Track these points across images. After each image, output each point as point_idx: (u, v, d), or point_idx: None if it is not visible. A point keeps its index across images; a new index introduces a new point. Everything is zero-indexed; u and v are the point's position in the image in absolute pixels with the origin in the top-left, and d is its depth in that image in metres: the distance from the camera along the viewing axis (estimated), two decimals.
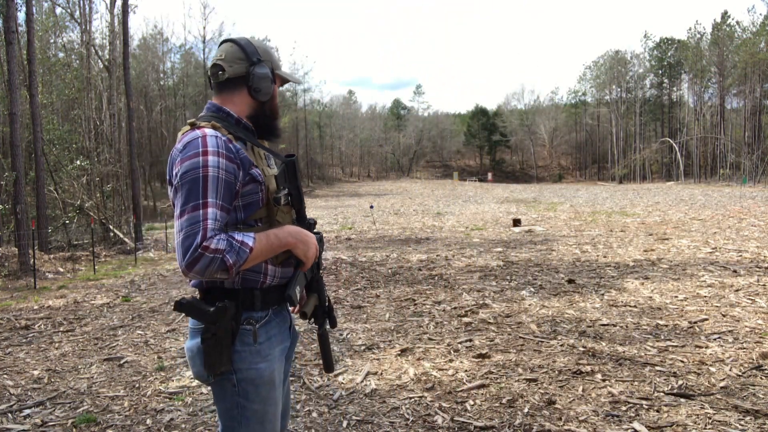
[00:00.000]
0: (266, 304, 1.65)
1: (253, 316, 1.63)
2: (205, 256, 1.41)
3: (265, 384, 1.64)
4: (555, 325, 5.18)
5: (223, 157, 1.52)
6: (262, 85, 1.69)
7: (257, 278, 1.63)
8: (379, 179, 68.93)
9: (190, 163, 1.49)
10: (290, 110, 58.00)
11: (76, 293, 8.33)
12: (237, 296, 1.60)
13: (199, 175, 1.49)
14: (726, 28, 52.10)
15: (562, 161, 75.69)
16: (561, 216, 18.08)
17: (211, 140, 1.53)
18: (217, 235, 1.45)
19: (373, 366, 4.30)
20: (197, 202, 1.47)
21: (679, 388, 3.58)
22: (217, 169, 1.50)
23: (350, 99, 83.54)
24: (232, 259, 1.45)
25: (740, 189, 29.11)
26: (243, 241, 1.48)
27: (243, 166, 1.57)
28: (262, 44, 1.75)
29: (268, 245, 1.55)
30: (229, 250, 1.44)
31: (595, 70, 66.92)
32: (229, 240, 1.46)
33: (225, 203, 1.52)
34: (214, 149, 1.52)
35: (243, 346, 1.60)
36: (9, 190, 12.77)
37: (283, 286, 1.68)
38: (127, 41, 16.94)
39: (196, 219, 1.45)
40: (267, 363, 1.64)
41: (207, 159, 1.50)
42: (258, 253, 1.51)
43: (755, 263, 7.96)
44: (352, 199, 36.29)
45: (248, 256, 1.48)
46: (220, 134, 1.57)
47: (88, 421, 3.49)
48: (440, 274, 8.15)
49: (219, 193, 1.50)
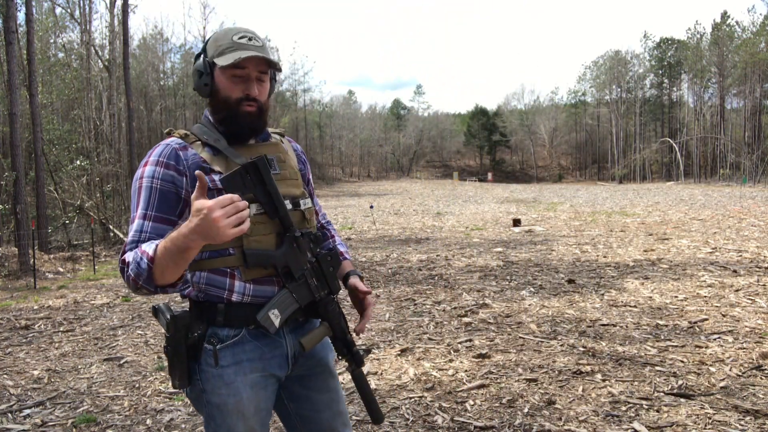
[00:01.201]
0: (232, 322, 1.46)
1: (217, 334, 1.46)
2: (123, 269, 1.36)
3: (231, 414, 1.45)
4: (555, 325, 5.18)
5: (161, 165, 1.43)
6: (195, 80, 1.54)
7: (220, 294, 1.45)
8: (379, 179, 68.92)
9: (136, 174, 1.47)
10: (290, 110, 58.00)
11: (76, 293, 8.33)
12: (199, 308, 1.48)
13: (135, 186, 1.45)
14: (726, 28, 52.12)
15: (562, 161, 75.69)
16: (561, 216, 18.08)
17: (159, 149, 1.47)
18: (133, 246, 1.37)
19: (373, 366, 4.30)
20: (133, 215, 1.44)
21: (679, 388, 3.58)
22: (151, 179, 1.43)
23: (350, 99, 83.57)
24: (133, 271, 1.33)
25: (740, 189, 29.10)
26: (144, 250, 1.32)
27: (190, 173, 1.43)
28: (220, 32, 1.53)
29: (172, 245, 1.27)
30: (131, 262, 1.34)
31: (595, 71, 66.94)
32: (136, 251, 1.35)
33: (161, 213, 1.42)
34: (155, 158, 1.45)
35: (206, 367, 1.46)
36: (9, 190, 12.76)
37: (258, 306, 1.45)
38: (127, 41, 16.94)
39: (129, 232, 1.42)
40: (230, 392, 1.45)
41: (144, 170, 1.45)
42: (162, 259, 1.29)
43: (755, 263, 7.96)
44: (352, 199, 36.29)
45: (148, 265, 1.30)
46: (175, 142, 1.48)
47: (88, 421, 3.49)
48: (440, 274, 8.15)
49: (151, 204, 1.41)
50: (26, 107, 14.14)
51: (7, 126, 13.59)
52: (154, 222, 1.41)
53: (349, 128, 72.24)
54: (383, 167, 77.54)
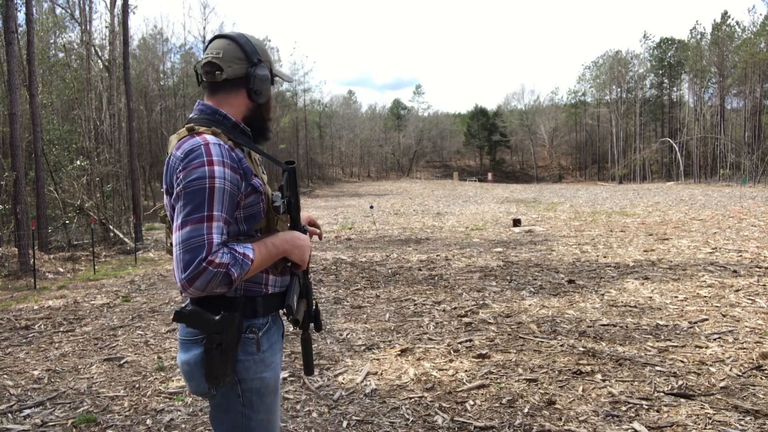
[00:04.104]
0: (267, 311, 1.63)
1: (256, 324, 1.59)
2: (209, 271, 1.35)
3: (270, 393, 1.62)
4: (555, 325, 5.18)
5: (227, 167, 1.46)
6: (264, 87, 1.63)
7: (260, 289, 1.60)
8: (379, 179, 68.91)
9: (196, 173, 1.42)
10: (290, 110, 57.98)
11: (76, 293, 8.33)
12: (239, 305, 1.57)
13: (205, 186, 1.42)
14: (726, 28, 52.11)
15: (562, 161, 75.67)
16: (561, 216, 18.07)
17: (215, 149, 1.47)
18: (222, 248, 1.40)
19: (373, 366, 4.30)
20: (202, 215, 1.40)
21: (679, 388, 3.57)
22: (223, 180, 1.44)
23: (350, 99, 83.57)
24: (237, 272, 1.41)
25: (740, 189, 29.10)
26: (245, 254, 1.44)
27: (245, 176, 1.53)
28: (260, 42, 1.68)
29: (267, 254, 1.52)
30: (233, 264, 1.40)
31: (595, 71, 66.91)
32: (232, 253, 1.41)
33: (228, 216, 1.47)
34: (219, 159, 1.46)
35: (246, 356, 1.56)
36: (9, 190, 12.77)
37: (282, 294, 1.66)
38: (127, 41, 16.93)
39: (200, 232, 1.38)
40: (271, 371, 1.62)
41: (213, 169, 1.44)
42: (258, 263, 1.48)
43: (755, 263, 7.96)
44: (352, 199, 36.28)
45: (250, 267, 1.45)
46: (222, 142, 1.51)
47: (88, 421, 3.49)
48: (440, 275, 8.15)
49: (224, 206, 1.44)
50: (26, 107, 14.15)
51: (7, 126, 13.59)
52: (225, 224, 1.45)
53: (349, 128, 72.23)
54: (383, 167, 77.53)
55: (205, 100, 1.65)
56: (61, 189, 16.64)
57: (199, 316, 1.49)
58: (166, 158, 1.56)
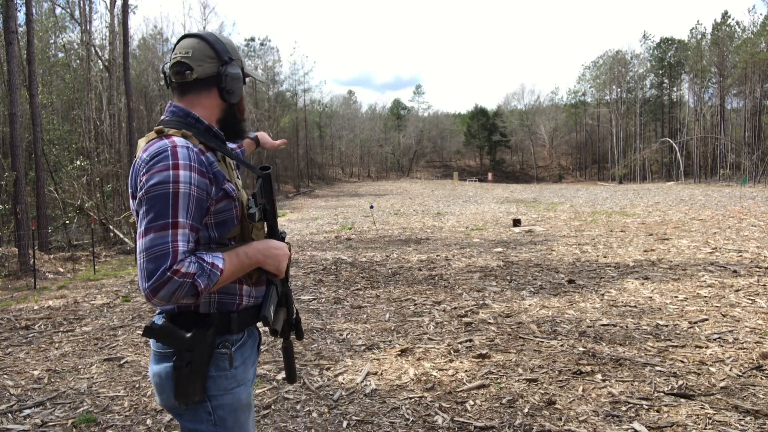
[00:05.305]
0: (242, 326, 1.56)
1: (229, 339, 1.52)
2: (174, 281, 1.28)
3: (243, 409, 1.55)
4: (555, 325, 5.18)
5: (195, 171, 1.39)
6: (236, 86, 1.57)
7: (233, 300, 1.53)
8: (379, 179, 68.92)
9: (160, 176, 1.35)
10: (290, 110, 57.98)
11: (76, 293, 8.33)
12: (212, 320, 1.49)
13: (169, 191, 1.34)
14: (726, 29, 52.12)
15: (562, 161, 75.68)
16: (561, 216, 18.07)
17: (183, 152, 1.39)
18: (188, 257, 1.32)
19: (373, 366, 4.30)
20: (166, 221, 1.32)
21: (679, 388, 3.58)
22: (188, 185, 1.37)
23: (350, 99, 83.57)
24: (204, 283, 1.33)
25: (740, 189, 29.10)
26: (213, 263, 1.37)
27: (216, 180, 1.45)
28: (230, 41, 1.62)
29: (239, 264, 1.44)
30: (200, 274, 1.32)
31: (595, 71, 66.89)
32: (200, 262, 1.34)
33: (195, 222, 1.39)
34: (186, 162, 1.38)
35: (218, 371, 1.49)
36: (9, 190, 12.77)
37: (258, 306, 1.59)
38: (127, 41, 16.94)
39: (164, 239, 1.31)
40: (243, 386, 1.55)
41: (178, 173, 1.36)
42: (228, 274, 1.41)
43: (755, 263, 7.96)
44: (352, 199, 36.28)
45: (219, 278, 1.37)
46: (192, 145, 1.43)
47: (88, 421, 3.49)
48: (440, 275, 8.15)
49: (190, 212, 1.37)
50: (26, 107, 14.16)
51: (7, 126, 13.60)
52: (191, 231, 1.38)
53: (349, 128, 72.24)
54: (383, 167, 77.54)
55: (176, 102, 1.58)
56: (61, 189, 16.64)
57: (169, 333, 1.44)
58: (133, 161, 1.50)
